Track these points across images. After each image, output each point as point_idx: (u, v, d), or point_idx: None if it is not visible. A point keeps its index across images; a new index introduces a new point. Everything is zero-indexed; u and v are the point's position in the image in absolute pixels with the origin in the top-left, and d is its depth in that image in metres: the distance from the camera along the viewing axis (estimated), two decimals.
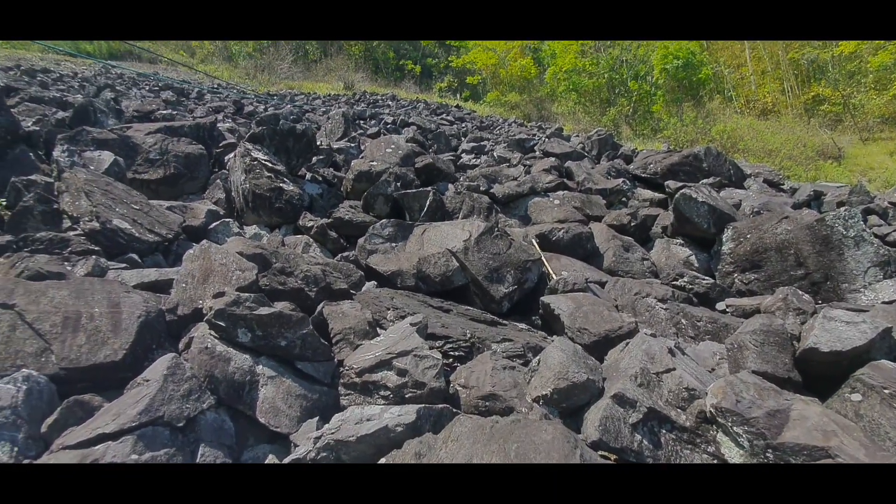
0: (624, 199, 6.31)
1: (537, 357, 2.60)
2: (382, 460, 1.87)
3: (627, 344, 2.96)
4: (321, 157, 6.43)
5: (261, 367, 2.55)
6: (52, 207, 4.03)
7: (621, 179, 6.48)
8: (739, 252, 4.63)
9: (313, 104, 13.78)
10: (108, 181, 4.25)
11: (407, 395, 2.38)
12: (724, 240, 4.83)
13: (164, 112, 8.71)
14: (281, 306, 2.93)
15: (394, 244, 4.44)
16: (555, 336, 3.51)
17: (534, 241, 4.51)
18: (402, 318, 3.19)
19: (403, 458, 1.75)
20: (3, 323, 2.49)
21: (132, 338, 2.65)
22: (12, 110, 5.64)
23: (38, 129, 5.88)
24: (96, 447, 1.90)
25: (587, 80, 16.16)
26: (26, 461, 1.99)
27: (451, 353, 2.91)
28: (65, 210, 3.93)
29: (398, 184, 5.11)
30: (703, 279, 4.39)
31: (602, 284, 4.19)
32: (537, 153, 7.25)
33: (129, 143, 5.47)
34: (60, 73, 13.25)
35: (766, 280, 4.49)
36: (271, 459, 2.34)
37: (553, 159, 6.41)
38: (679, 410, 2.34)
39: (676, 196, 4.89)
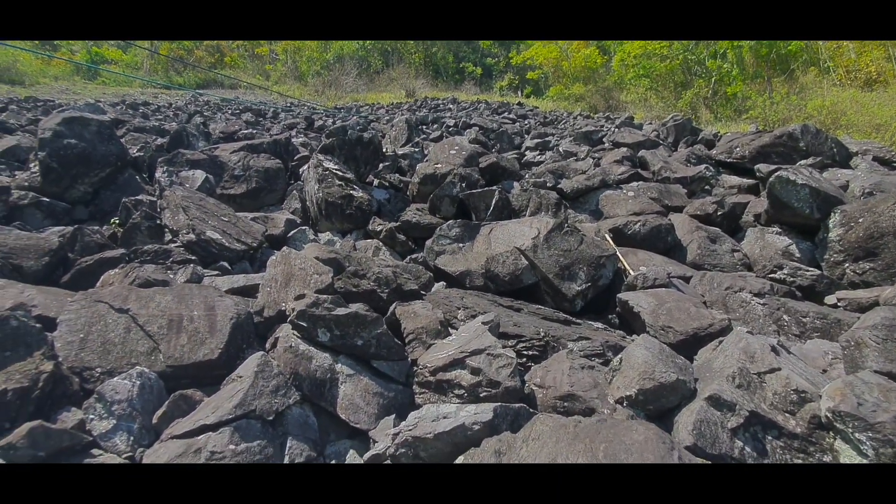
0: (707, 186, 5.82)
1: (618, 356, 2.45)
2: (461, 459, 1.85)
3: (721, 342, 2.71)
4: (387, 163, 6.62)
5: (340, 365, 2.65)
6: (156, 223, 4.50)
7: (703, 166, 6.00)
8: (851, 238, 4.08)
9: (377, 114, 14.27)
10: (202, 197, 4.66)
11: (482, 394, 2.34)
12: (830, 226, 4.28)
13: (246, 132, 9.46)
14: (356, 307, 3.03)
15: (461, 245, 4.44)
16: (635, 336, 3.31)
17: (607, 235, 4.29)
18: (473, 317, 3.17)
19: (482, 456, 1.72)
20: (120, 326, 2.80)
21: (226, 338, 2.86)
22: (121, 140, 6.39)
23: (141, 154, 6.62)
24: (199, 437, 2.07)
25: (659, 64, 15.18)
26: (140, 449, 2.21)
27: (525, 352, 2.83)
28: (166, 224, 4.37)
29: (463, 184, 5.11)
30: (808, 270, 3.92)
31: (686, 279, 3.89)
32: (606, 145, 6.92)
33: (217, 162, 5.98)
34: (158, 105, 14.84)
35: (885, 269, 3.91)
36: (352, 454, 2.42)
37: (625, 149, 6.07)
38: (787, 415, 2.09)
39: (771, 179, 4.42)
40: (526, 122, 10.06)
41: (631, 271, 3.92)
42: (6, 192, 4.85)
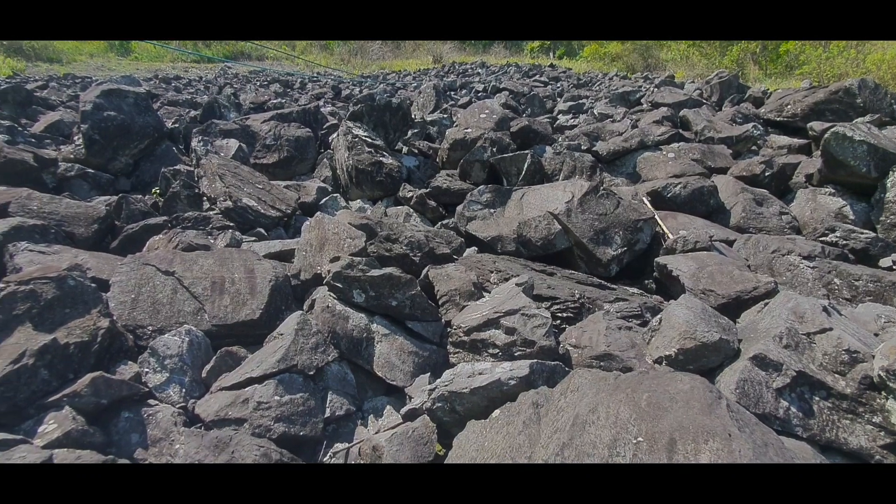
0: (754, 147, 5.49)
1: (657, 316, 2.39)
2: (496, 413, 1.87)
3: (767, 304, 2.61)
4: (415, 130, 6.54)
5: (375, 325, 2.70)
6: (194, 192, 4.63)
7: (751, 125, 5.64)
8: None
9: (404, 81, 14.04)
10: (236, 164, 4.75)
11: (516, 353, 2.35)
12: (888, 185, 4.00)
13: (275, 101, 9.51)
14: (389, 270, 3.06)
15: (492, 210, 4.38)
16: (672, 301, 3.23)
17: (645, 199, 4.14)
18: (506, 280, 3.15)
19: (519, 408, 1.74)
20: (167, 287, 2.93)
21: (266, 299, 2.96)
22: (157, 113, 6.54)
23: (177, 126, 6.77)
24: (246, 389, 2.17)
25: None
26: (192, 401, 2.34)
27: (559, 314, 2.81)
28: (204, 192, 4.49)
29: (494, 149, 5.00)
30: (861, 233, 3.69)
31: (729, 243, 3.73)
32: (645, 106, 6.60)
33: (249, 132, 6.05)
34: (189, 79, 15.05)
35: None
36: (389, 410, 2.49)
37: (665, 109, 5.77)
38: (837, 375, 2.01)
39: (826, 135, 4.12)
40: (558, 84, 9.67)
41: (670, 235, 3.79)
42: (54, 164, 5.07)
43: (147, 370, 2.37)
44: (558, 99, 8.29)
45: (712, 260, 3.25)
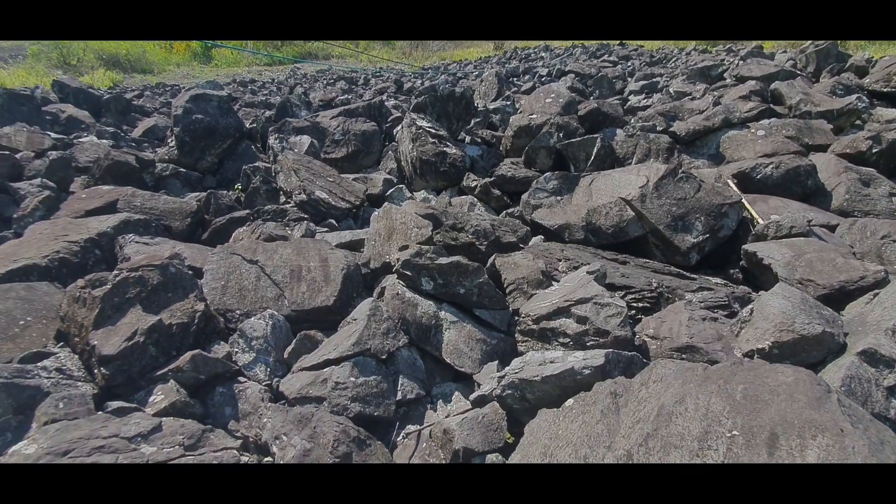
0: (858, 121, 4.86)
1: (748, 307, 2.20)
2: (570, 402, 1.82)
3: (877, 295, 2.31)
4: (478, 119, 6.49)
5: (443, 312, 2.73)
6: (272, 187, 4.93)
7: (854, 97, 5.00)
8: None
9: (465, 70, 13.98)
10: (309, 160, 4.99)
11: (588, 343, 2.27)
12: None
13: (342, 98, 9.86)
14: (456, 258, 3.07)
15: (559, 197, 4.25)
16: (762, 292, 2.96)
17: (730, 181, 3.82)
18: (576, 268, 3.06)
19: (596, 398, 1.68)
20: (252, 274, 3.15)
21: (339, 287, 3.09)
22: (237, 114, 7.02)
23: (254, 126, 7.23)
24: (324, 370, 2.29)
25: None
26: (276, 379, 2.50)
27: (634, 304, 2.67)
28: (281, 187, 4.77)
29: (560, 134, 4.84)
30: None
31: (831, 228, 3.35)
32: (728, 81, 6.06)
33: (319, 128, 6.33)
34: (263, 81, 15.97)
35: None
36: (457, 396, 2.52)
37: (752, 83, 5.25)
38: None
39: None
40: (629, 63, 9.13)
41: (760, 220, 3.47)
42: (152, 165, 5.62)
43: (237, 350, 2.57)
44: (629, 79, 7.83)
45: (811, 247, 2.94)
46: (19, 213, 4.11)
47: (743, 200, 3.61)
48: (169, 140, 6.50)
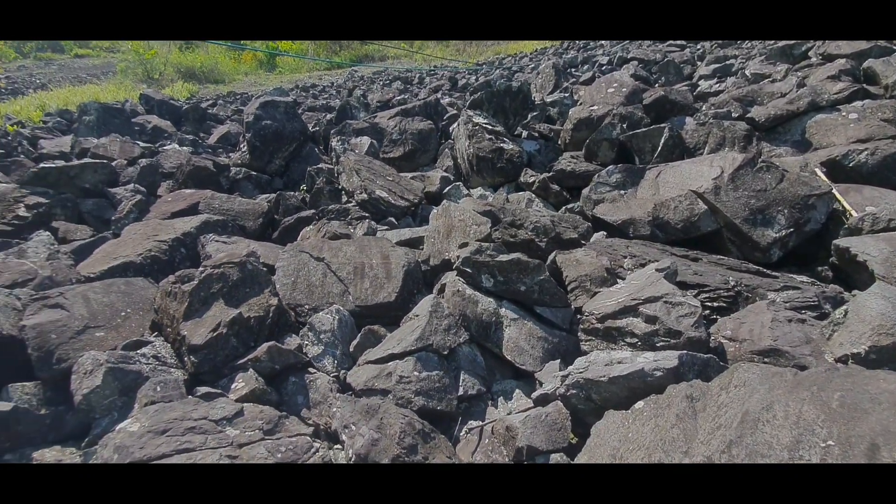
0: None
1: (842, 308, 2.01)
2: (640, 404, 1.75)
3: None
4: (535, 113, 6.37)
5: (504, 309, 2.72)
6: (335, 187, 5.13)
7: None
8: None
9: (520, 63, 13.76)
10: (369, 160, 5.14)
11: (658, 344, 2.17)
12: None
13: (398, 98, 10.05)
14: (516, 255, 3.05)
15: (623, 191, 4.09)
16: (856, 291, 2.68)
17: (818, 170, 3.48)
18: (642, 265, 2.93)
19: (670, 401, 1.60)
20: (318, 271, 3.30)
21: (400, 283, 3.17)
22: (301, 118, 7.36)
23: (317, 129, 7.56)
24: (388, 363, 2.37)
25: None
26: (343, 371, 2.61)
27: (709, 303, 2.52)
28: (343, 187, 4.95)
29: (624, 125, 4.64)
30: None
31: None
32: (814, 60, 5.51)
33: (377, 129, 6.50)
34: (323, 86, 16.61)
35: None
36: (518, 393, 2.50)
37: (842, 62, 4.74)
38: None
39: None
40: (698, 46, 8.54)
41: (854, 212, 3.14)
42: (227, 169, 6.03)
43: (307, 342, 2.71)
44: (699, 63, 7.34)
45: None
46: (116, 216, 4.57)
47: (833, 191, 3.28)
48: (241, 145, 6.96)
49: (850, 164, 3.60)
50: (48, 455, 2.07)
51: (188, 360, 2.40)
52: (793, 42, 5.93)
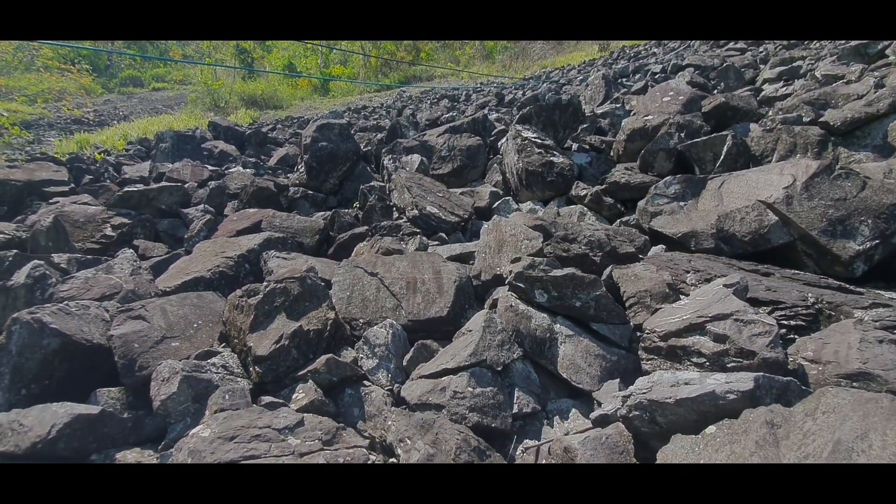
0: None
1: None
2: (712, 429, 1.64)
3: None
4: (585, 125, 6.27)
5: (558, 325, 2.65)
6: (386, 204, 5.27)
7: None
8: None
9: (568, 76, 13.64)
10: (420, 177, 5.25)
11: (729, 364, 2.04)
12: None
13: (446, 116, 10.23)
14: (570, 270, 2.98)
15: (682, 203, 3.91)
16: None
17: None
18: (707, 280, 2.77)
19: (747, 427, 1.49)
20: (372, 286, 3.39)
21: (451, 298, 3.18)
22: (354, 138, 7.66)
23: (369, 149, 7.83)
24: (442, 378, 2.37)
25: None
26: (396, 385, 2.64)
27: (784, 321, 2.33)
28: (394, 203, 5.08)
29: (681, 134, 4.46)
30: None
31: None
32: (891, 58, 5.08)
33: (427, 146, 6.64)
34: (373, 107, 17.22)
35: None
36: (574, 413, 2.42)
37: None
38: None
39: None
40: (761, 48, 8.11)
41: None
42: (286, 189, 6.37)
43: (362, 356, 2.77)
44: (762, 66, 6.96)
45: None
46: (188, 234, 4.93)
47: None
48: (299, 166, 7.33)
49: None
50: (129, 457, 2.24)
51: (253, 370, 2.52)
52: (867, 41, 5.50)
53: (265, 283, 2.87)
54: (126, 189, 5.64)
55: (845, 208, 3.01)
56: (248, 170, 7.65)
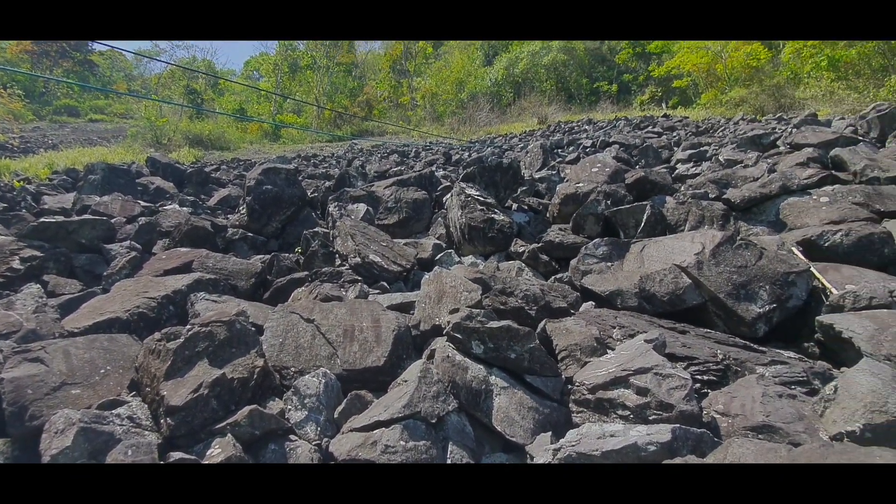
0: None
1: (832, 383, 2.02)
2: None
3: None
4: (524, 187, 6.69)
5: (494, 377, 2.68)
6: (329, 250, 5.21)
7: None
8: None
9: (511, 143, 14.62)
10: (365, 225, 5.28)
11: (650, 417, 2.14)
12: None
13: (395, 169, 10.51)
14: (507, 322, 3.06)
15: (609, 263, 4.20)
16: (844, 368, 2.70)
17: (795, 249, 3.64)
18: (631, 336, 2.95)
19: None
20: (307, 333, 3.27)
21: (389, 348, 3.13)
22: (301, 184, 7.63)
23: (316, 195, 7.81)
24: (374, 431, 2.28)
25: (846, 51, 12.73)
26: (325, 439, 2.50)
27: (699, 376, 2.52)
28: (337, 251, 5.03)
29: (608, 202, 4.88)
30: None
31: None
32: (782, 148, 5.97)
33: (374, 196, 6.74)
34: (324, 156, 17.37)
35: None
36: None
37: (810, 150, 5.15)
38: None
39: None
40: (674, 133, 9.23)
41: (834, 290, 3.25)
42: (224, 230, 6.13)
43: (290, 407, 2.62)
44: (675, 148, 7.89)
45: None
46: (108, 271, 4.56)
47: (812, 269, 3.42)
48: (240, 207, 7.13)
49: (826, 244, 3.78)
50: None
51: (164, 423, 2.30)
52: (760, 132, 6.45)
53: (188, 327, 2.69)
54: (42, 220, 5.17)
55: (747, 274, 3.38)
56: (184, 208, 7.32)
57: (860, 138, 5.88)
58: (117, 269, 4.55)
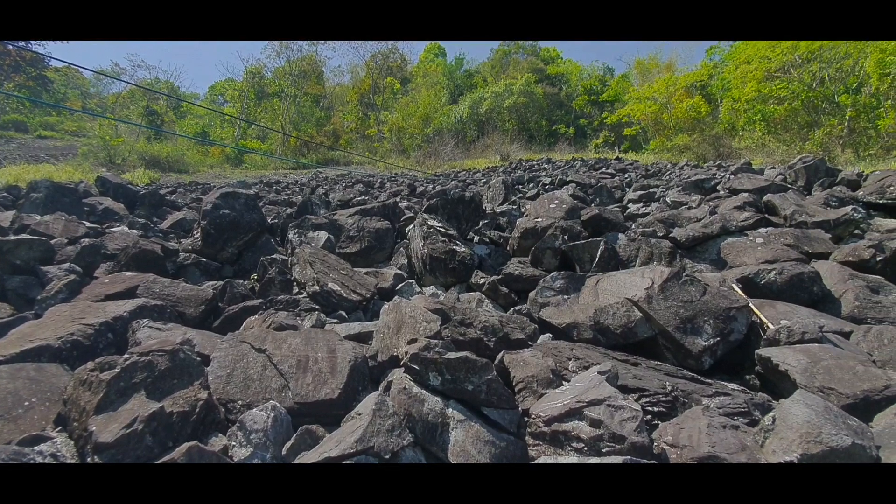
0: (857, 230, 5.05)
1: (770, 414, 2.12)
2: None
3: None
4: (486, 221, 6.84)
5: (451, 409, 2.64)
6: (287, 278, 5.08)
7: (849, 208, 5.25)
8: None
9: (474, 178, 14.98)
10: (325, 253, 5.19)
11: (604, 449, 2.16)
12: None
13: (359, 199, 10.49)
14: (464, 354, 3.05)
15: (566, 296, 4.31)
16: (783, 399, 2.85)
17: (734, 285, 3.88)
18: (586, 368, 3.00)
19: None
20: (258, 363, 3.13)
21: (345, 379, 3.04)
22: (261, 210, 7.47)
23: (276, 221, 7.65)
24: None
25: (776, 108, 14.08)
26: None
27: (649, 407, 2.58)
28: (296, 278, 4.91)
29: (565, 237, 5.05)
30: None
31: (845, 335, 3.31)
32: (722, 193, 6.44)
33: (336, 225, 6.67)
34: (287, 182, 17.15)
35: None
36: None
37: (746, 195, 5.58)
38: None
39: None
40: (626, 175, 9.79)
41: (770, 325, 3.46)
42: (175, 254, 5.87)
43: (234, 444, 2.46)
44: (627, 189, 8.35)
45: (827, 353, 2.89)
46: (42, 295, 4.23)
47: (750, 304, 3.64)
48: (195, 232, 6.87)
49: (762, 282, 4.05)
50: None
51: (92, 461, 2.10)
52: (703, 177, 6.95)
53: (126, 356, 2.52)
54: None
55: (692, 309, 3.55)
56: (134, 230, 6.98)
57: (789, 186, 6.44)
58: (53, 293, 4.23)
